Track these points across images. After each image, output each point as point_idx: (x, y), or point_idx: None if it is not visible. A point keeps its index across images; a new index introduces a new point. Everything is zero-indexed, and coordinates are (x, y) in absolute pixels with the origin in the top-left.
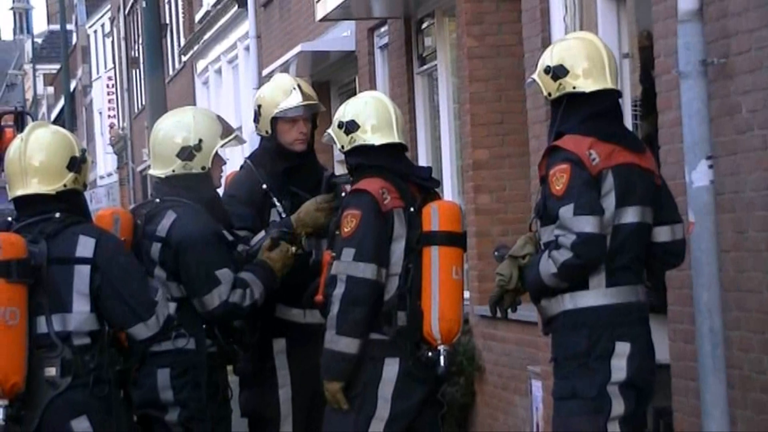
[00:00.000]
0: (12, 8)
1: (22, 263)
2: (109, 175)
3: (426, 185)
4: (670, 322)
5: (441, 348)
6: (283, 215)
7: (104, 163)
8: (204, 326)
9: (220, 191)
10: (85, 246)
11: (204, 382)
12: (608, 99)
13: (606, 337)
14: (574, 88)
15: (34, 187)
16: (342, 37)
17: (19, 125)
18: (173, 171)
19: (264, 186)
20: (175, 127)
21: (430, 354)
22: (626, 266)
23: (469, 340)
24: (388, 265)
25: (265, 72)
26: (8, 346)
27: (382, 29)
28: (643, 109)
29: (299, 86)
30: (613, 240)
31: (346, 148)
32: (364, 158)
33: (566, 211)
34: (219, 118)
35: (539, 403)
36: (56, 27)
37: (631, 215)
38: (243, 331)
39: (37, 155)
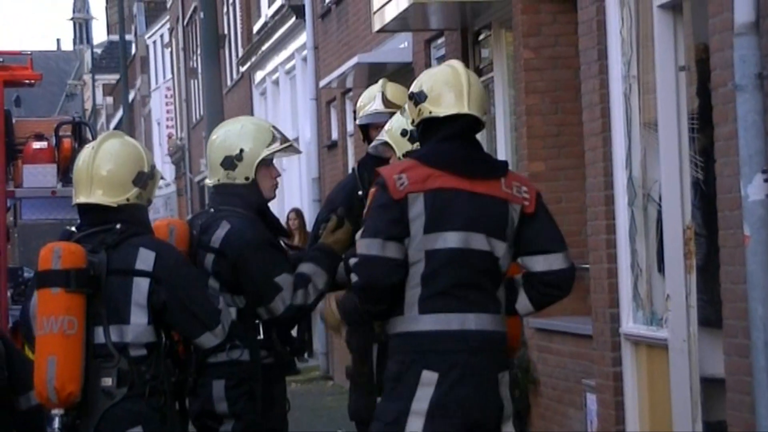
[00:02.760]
0: (72, 19)
1: (81, 273)
2: (167, 185)
3: None
4: (725, 336)
5: None
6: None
7: (162, 173)
8: (258, 337)
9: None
10: (145, 259)
11: (260, 393)
12: (460, 122)
13: (415, 364)
14: (430, 113)
15: (97, 197)
16: (399, 48)
17: (77, 135)
18: (218, 180)
19: (360, 192)
20: (223, 137)
21: None
22: (444, 292)
23: (524, 352)
24: None
25: (322, 83)
26: (65, 356)
27: (439, 41)
28: (700, 122)
29: (383, 93)
30: (426, 266)
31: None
32: None
33: (359, 234)
34: (272, 127)
35: (594, 416)
36: (116, 37)
37: (446, 241)
38: (302, 341)
39: (105, 165)
